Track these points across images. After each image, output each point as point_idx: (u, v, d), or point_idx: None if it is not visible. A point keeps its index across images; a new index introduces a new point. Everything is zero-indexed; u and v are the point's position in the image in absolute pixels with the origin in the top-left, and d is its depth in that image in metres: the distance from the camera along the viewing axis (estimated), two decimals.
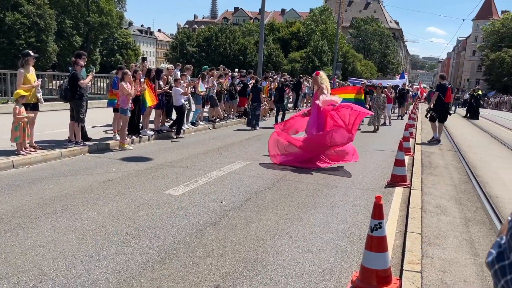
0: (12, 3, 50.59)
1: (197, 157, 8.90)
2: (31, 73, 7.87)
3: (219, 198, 5.94)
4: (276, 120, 14.81)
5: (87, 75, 8.74)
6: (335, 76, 32.58)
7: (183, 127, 11.87)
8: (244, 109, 16.37)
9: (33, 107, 7.81)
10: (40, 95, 8.00)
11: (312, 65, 54.43)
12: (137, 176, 7.01)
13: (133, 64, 13.17)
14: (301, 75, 26.87)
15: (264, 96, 17.00)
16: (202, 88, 12.89)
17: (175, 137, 11.35)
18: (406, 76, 32.77)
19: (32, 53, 7.94)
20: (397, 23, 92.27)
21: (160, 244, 4.26)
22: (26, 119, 7.41)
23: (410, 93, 23.95)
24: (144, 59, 14.60)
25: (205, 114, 14.98)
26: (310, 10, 68.12)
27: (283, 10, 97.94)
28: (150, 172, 7.34)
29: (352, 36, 73.02)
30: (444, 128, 13.36)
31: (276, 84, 17.52)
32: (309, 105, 22.43)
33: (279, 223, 5.04)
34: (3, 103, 13.22)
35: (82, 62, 8.55)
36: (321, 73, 9.29)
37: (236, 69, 23.26)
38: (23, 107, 7.45)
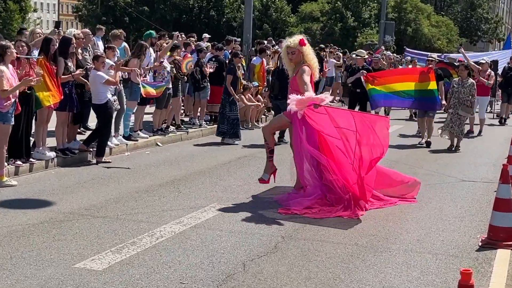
0: None
1: (135, 198, 8.95)
2: None
3: (175, 277, 5.93)
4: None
5: None
6: (382, 48, 32.28)
7: (109, 143, 11.88)
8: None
9: None
10: None
11: (342, 26, 54.99)
12: (26, 236, 7.00)
13: (39, 31, 13.23)
14: (323, 45, 27.02)
15: (254, 84, 17.06)
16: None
17: (94, 160, 11.35)
18: None
19: None
20: None
21: None
22: None
23: None
24: (58, 24, 14.72)
25: (148, 118, 15.02)
26: None
27: None
28: (49, 228, 7.36)
29: None
30: None
31: (275, 63, 17.40)
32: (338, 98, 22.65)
33: None
34: None
35: None
36: (307, 43, 9.33)
37: (206, 36, 23.41)
38: None
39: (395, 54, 28.65)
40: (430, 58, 16.37)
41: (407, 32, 57.51)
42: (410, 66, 21.50)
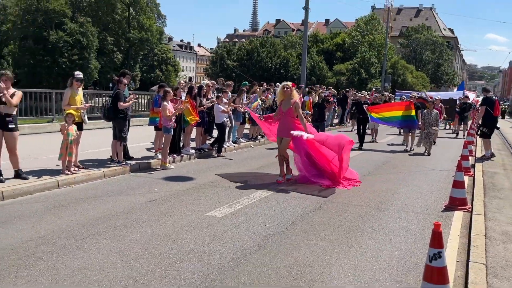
0: (56, 22, 53.80)
1: (239, 176, 9.00)
2: (79, 94, 8.32)
3: (262, 221, 5.98)
4: None
5: (129, 97, 9.10)
6: (373, 89, 32.10)
7: (224, 145, 12.07)
8: None
9: (78, 127, 8.21)
10: (85, 116, 8.42)
11: (359, 78, 53.95)
12: (179, 196, 7.19)
13: (182, 82, 13.64)
14: (347, 89, 26.65)
15: (306, 112, 16.87)
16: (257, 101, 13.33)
17: (216, 155, 11.55)
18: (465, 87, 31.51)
19: (76, 76, 8.34)
20: (451, 31, 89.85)
21: (204, 268, 4.34)
22: (72, 138, 7.80)
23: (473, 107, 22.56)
24: (190, 79, 15.06)
25: (246, 131, 15.16)
26: (356, 19, 67.78)
27: (327, 20, 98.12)
28: (192, 192, 7.51)
29: (402, 46, 71.73)
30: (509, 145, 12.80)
31: (315, 98, 17.17)
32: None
33: (327, 249, 5.00)
34: (48, 122, 14.00)
35: (125, 81, 8.96)
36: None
37: (278, 84, 23.35)
38: (71, 126, 7.86)
39: (390, 94, 27.90)
40: (411, 96, 16.07)
41: (398, 81, 55.92)
42: (399, 101, 21.06)
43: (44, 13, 53.50)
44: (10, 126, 7.00)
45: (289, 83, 8.57)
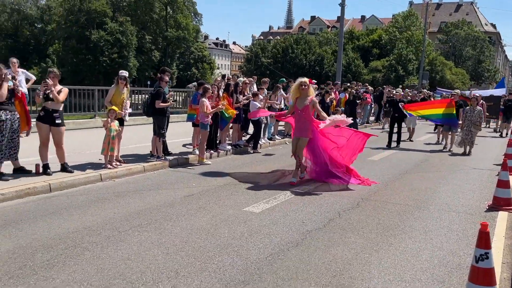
0: (97, 22, 55.41)
1: (275, 173, 8.98)
2: (123, 94, 8.51)
3: (300, 217, 5.95)
4: None
5: (168, 93, 9.25)
6: (402, 86, 31.16)
7: (259, 141, 12.08)
8: None
9: (119, 122, 8.41)
10: (126, 116, 8.60)
11: (395, 75, 52.81)
12: (217, 191, 7.25)
13: (218, 79, 13.75)
14: (385, 86, 26.08)
15: (342, 109, 16.56)
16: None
17: (251, 151, 11.57)
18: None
19: (120, 74, 8.50)
20: (493, 26, 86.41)
21: (243, 263, 4.36)
22: (114, 133, 8.01)
23: None
24: (224, 76, 15.14)
25: (281, 128, 15.11)
26: (393, 15, 66.22)
27: (363, 17, 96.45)
28: (229, 187, 7.56)
29: (440, 42, 69.64)
30: None
31: (346, 95, 16.81)
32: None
33: (366, 247, 4.92)
34: (90, 118, 14.43)
35: (167, 79, 9.11)
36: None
37: (314, 81, 23.18)
38: (113, 122, 8.07)
39: (428, 91, 27.09)
40: (454, 93, 15.39)
41: (437, 78, 54.29)
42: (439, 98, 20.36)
43: (86, 13, 55.22)
44: (57, 121, 7.25)
45: (306, 80, 8.00)
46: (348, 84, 20.86)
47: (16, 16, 66.45)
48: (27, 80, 11.15)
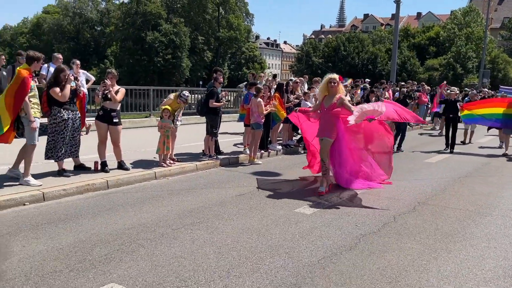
0: (153, 23, 57.23)
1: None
2: (177, 107, 8.64)
3: (353, 220, 5.81)
4: (395, 142, 11.59)
5: (221, 93, 9.35)
6: (444, 83, 29.16)
7: None
8: None
9: (174, 122, 8.59)
10: (178, 122, 8.76)
11: (453, 73, 50.62)
12: (267, 191, 7.22)
13: (262, 74, 13.75)
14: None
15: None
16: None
17: (302, 152, 11.46)
18: None
19: (184, 96, 8.49)
20: None
21: (294, 265, 4.30)
22: (168, 133, 8.20)
23: None
24: (274, 76, 15.11)
25: None
26: (452, 12, 63.53)
27: (418, 13, 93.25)
28: (280, 187, 7.51)
29: (503, 38, 65.85)
30: None
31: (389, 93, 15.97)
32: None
33: (423, 254, 4.71)
34: (145, 117, 14.90)
35: (221, 79, 9.22)
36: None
37: (368, 80, 22.74)
38: (166, 122, 8.26)
39: (489, 90, 25.69)
40: None
41: (499, 76, 51.47)
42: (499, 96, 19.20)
43: (142, 15, 57.23)
44: (114, 120, 7.53)
45: (336, 76, 7.36)
46: (403, 83, 20.22)
47: (78, 19, 69.98)
48: (87, 81, 11.67)
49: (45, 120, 7.34)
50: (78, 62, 11.00)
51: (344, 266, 4.32)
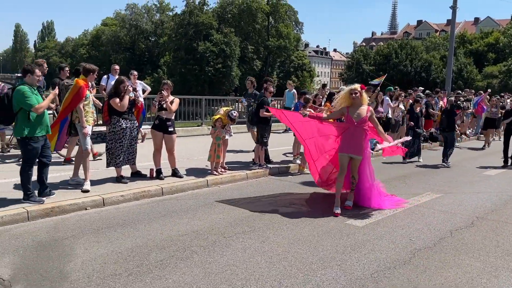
0: (204, 34, 58.61)
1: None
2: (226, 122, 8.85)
3: (407, 234, 5.66)
4: (444, 155, 11.45)
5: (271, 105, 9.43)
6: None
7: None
8: (430, 133, 15.34)
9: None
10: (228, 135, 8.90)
11: None
12: (317, 202, 7.20)
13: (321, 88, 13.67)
14: (502, 94, 23.73)
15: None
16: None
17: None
18: None
19: (233, 116, 8.50)
20: None
21: (347, 278, 4.26)
22: (220, 141, 8.37)
23: None
24: (324, 86, 15.04)
25: None
26: None
27: (476, 19, 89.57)
28: (330, 198, 7.42)
29: None
30: None
31: (442, 103, 15.07)
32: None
33: (483, 272, 4.51)
34: (197, 126, 15.26)
35: (271, 89, 9.30)
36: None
37: (420, 88, 22.05)
38: (219, 130, 8.44)
39: None
40: None
41: None
42: None
43: (194, 26, 58.75)
44: (170, 129, 7.79)
45: (357, 86, 6.68)
46: (459, 91, 19.42)
47: (134, 31, 72.87)
48: (143, 91, 12.13)
49: (104, 128, 7.74)
50: (135, 73, 11.48)
51: (398, 281, 4.23)
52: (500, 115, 16.01)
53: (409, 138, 8.45)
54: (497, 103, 16.91)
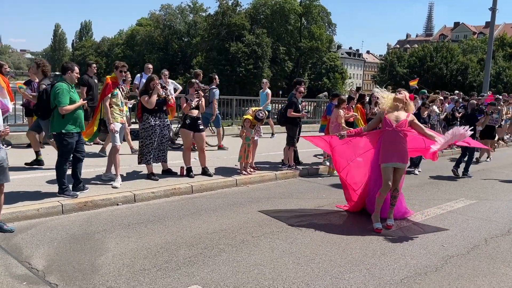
0: (236, 34, 58.94)
1: (410, 190, 8.42)
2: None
3: (439, 240, 5.51)
4: (457, 163, 10.46)
5: (301, 104, 9.37)
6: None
7: None
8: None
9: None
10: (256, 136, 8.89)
11: None
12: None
13: (353, 90, 13.54)
14: None
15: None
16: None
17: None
18: None
19: (259, 117, 8.51)
20: None
21: (376, 282, 4.18)
22: (249, 142, 8.39)
23: None
24: (358, 89, 14.84)
25: None
26: None
27: None
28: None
29: None
30: None
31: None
32: None
33: None
34: (228, 126, 15.33)
35: (302, 89, 9.26)
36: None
37: (456, 92, 21.47)
38: (249, 131, 8.46)
39: None
40: None
41: None
42: None
43: (227, 26, 59.17)
44: (200, 127, 7.87)
45: (401, 97, 6.02)
46: (499, 96, 18.74)
47: (167, 31, 74.07)
48: (175, 90, 12.29)
49: (137, 126, 7.89)
50: (166, 72, 11.64)
51: None
52: None
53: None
54: None
